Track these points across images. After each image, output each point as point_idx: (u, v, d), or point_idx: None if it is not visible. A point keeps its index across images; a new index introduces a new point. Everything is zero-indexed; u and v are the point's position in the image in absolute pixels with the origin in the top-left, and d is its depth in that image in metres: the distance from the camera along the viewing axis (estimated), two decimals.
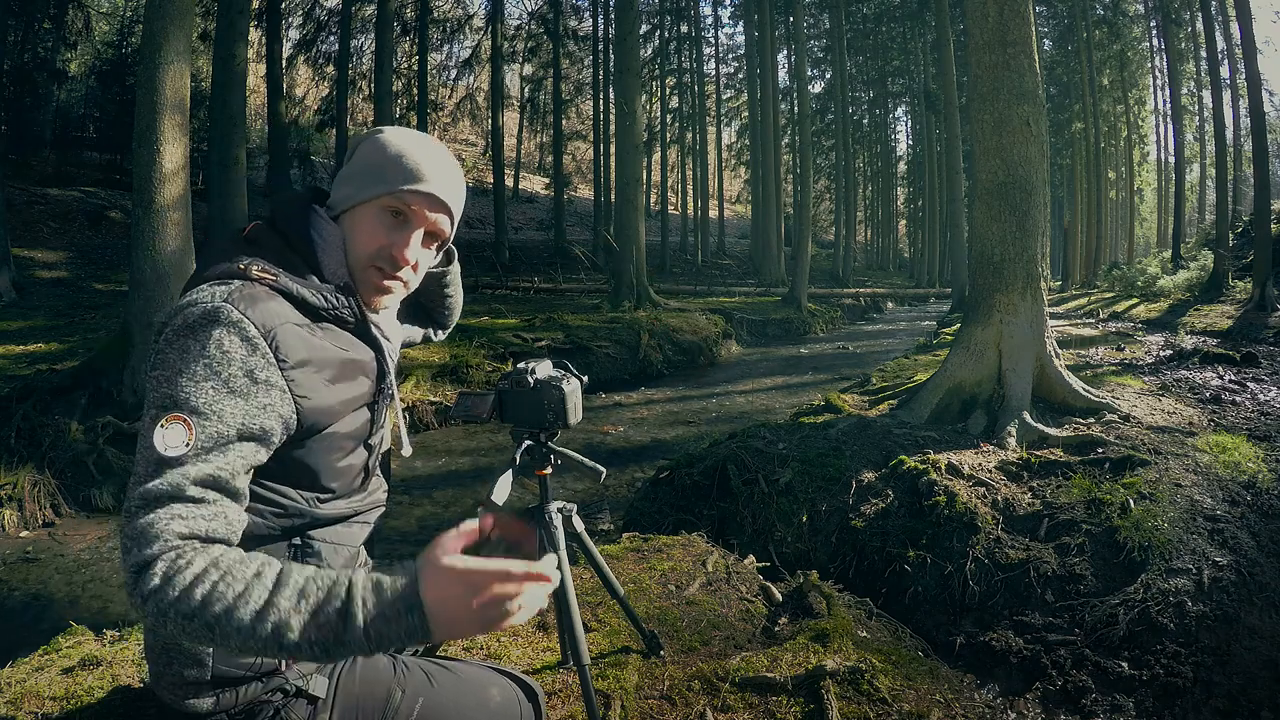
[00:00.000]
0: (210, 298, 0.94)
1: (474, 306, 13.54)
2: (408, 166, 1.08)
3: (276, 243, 1.05)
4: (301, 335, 0.98)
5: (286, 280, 1.00)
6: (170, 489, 0.85)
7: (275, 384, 0.94)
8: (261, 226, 1.08)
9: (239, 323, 0.92)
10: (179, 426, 0.87)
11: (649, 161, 29.63)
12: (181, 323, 0.92)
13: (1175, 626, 2.65)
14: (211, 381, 0.89)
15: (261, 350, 0.93)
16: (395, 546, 4.59)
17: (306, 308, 1.01)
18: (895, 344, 14.49)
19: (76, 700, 1.83)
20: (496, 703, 1.22)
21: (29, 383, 5.77)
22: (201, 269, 1.02)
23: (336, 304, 1.04)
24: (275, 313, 0.96)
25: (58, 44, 18.86)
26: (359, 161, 1.10)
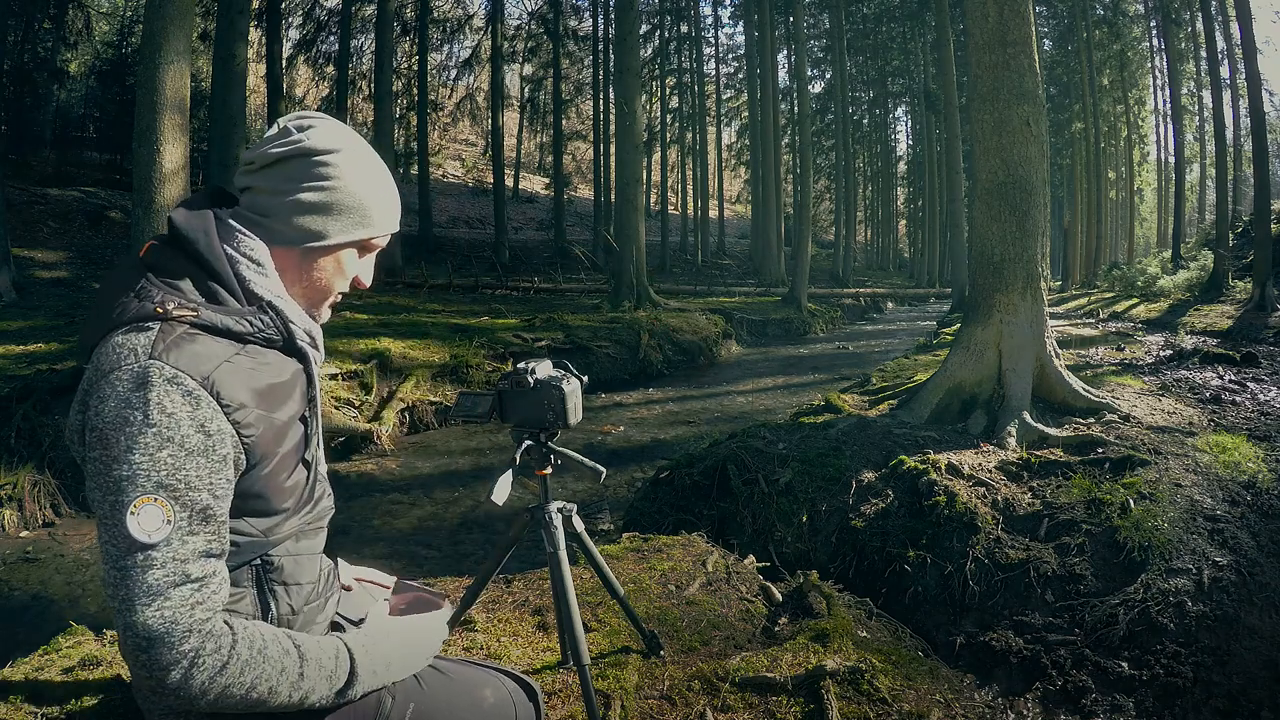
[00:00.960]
0: (132, 354, 0.87)
1: (474, 306, 13.55)
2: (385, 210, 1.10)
3: (183, 265, 0.97)
4: (236, 372, 0.93)
5: (207, 313, 0.93)
6: (173, 576, 0.84)
7: (226, 431, 0.90)
8: (161, 248, 0.98)
9: (174, 378, 0.86)
10: (152, 508, 0.84)
11: (649, 161, 29.64)
12: (111, 392, 0.85)
13: (1175, 626, 2.65)
14: (167, 450, 0.85)
15: (205, 401, 0.88)
16: (396, 546, 4.59)
17: (230, 335, 0.96)
18: (895, 344, 14.49)
19: (76, 700, 1.83)
20: (490, 703, 1.21)
21: (29, 383, 5.77)
22: (107, 308, 0.93)
23: (261, 325, 0.99)
24: (205, 355, 0.90)
25: (58, 44, 18.87)
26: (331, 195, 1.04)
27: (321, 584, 1.15)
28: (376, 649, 1.04)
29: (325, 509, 1.17)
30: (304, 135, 1.03)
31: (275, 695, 0.91)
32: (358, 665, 1.00)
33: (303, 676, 0.93)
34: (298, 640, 0.96)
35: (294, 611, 1.06)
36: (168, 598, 0.83)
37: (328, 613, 1.17)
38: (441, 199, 26.87)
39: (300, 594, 1.08)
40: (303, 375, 1.07)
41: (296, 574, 1.07)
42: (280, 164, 1.03)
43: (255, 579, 1.02)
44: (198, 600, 0.85)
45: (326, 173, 1.04)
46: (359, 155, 1.07)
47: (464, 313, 12.39)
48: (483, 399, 1.70)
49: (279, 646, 0.93)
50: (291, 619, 1.06)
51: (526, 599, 2.62)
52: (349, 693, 0.99)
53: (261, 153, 1.04)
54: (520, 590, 2.70)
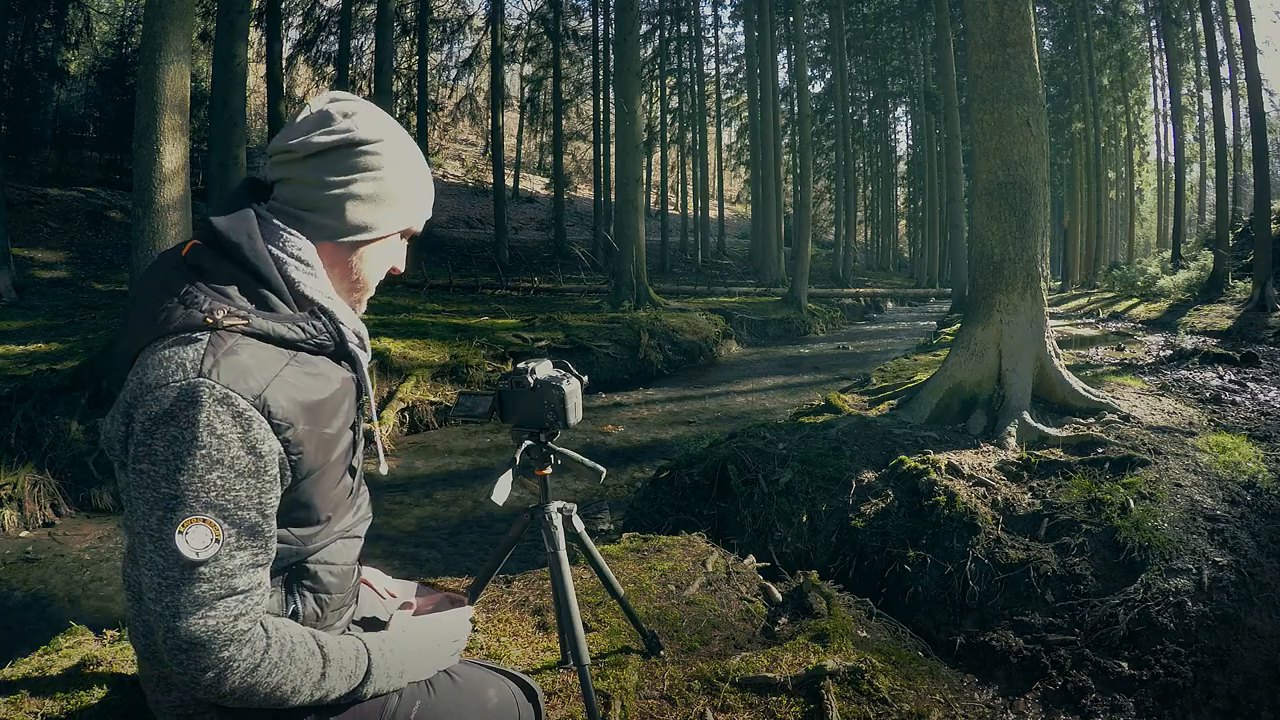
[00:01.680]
0: (180, 370, 0.84)
1: (474, 306, 13.55)
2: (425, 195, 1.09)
3: (229, 269, 0.93)
4: (287, 387, 0.91)
5: (258, 320, 0.90)
6: (221, 590, 0.86)
7: (275, 449, 0.89)
8: (204, 249, 0.94)
9: (225, 399, 0.84)
10: (201, 528, 0.84)
11: (649, 161, 29.64)
12: (158, 408, 0.83)
13: (1175, 626, 2.65)
14: (217, 472, 0.84)
15: (257, 422, 0.86)
16: (396, 546, 4.59)
17: (282, 342, 0.93)
18: (895, 344, 14.49)
19: (76, 700, 1.83)
20: (494, 704, 1.22)
21: (29, 383, 5.77)
22: (152, 312, 0.89)
23: (314, 332, 0.97)
24: (257, 369, 0.87)
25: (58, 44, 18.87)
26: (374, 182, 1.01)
27: (349, 592, 1.15)
28: (395, 652, 1.06)
29: (364, 518, 1.17)
30: (350, 123, 0.98)
31: (298, 694, 0.94)
32: (374, 666, 1.02)
33: (324, 677, 0.96)
34: (322, 641, 0.98)
35: (319, 617, 1.07)
36: (213, 609, 0.85)
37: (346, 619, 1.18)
38: (441, 199, 26.81)
39: (329, 602, 1.08)
40: (353, 383, 1.06)
41: (329, 583, 1.07)
42: (326, 154, 0.98)
43: (286, 583, 1.02)
44: (241, 611, 0.87)
45: (375, 163, 1.00)
46: (402, 143, 1.05)
47: (464, 313, 12.39)
48: (483, 399, 1.70)
49: (305, 648, 0.95)
50: (316, 622, 1.07)
51: (526, 599, 2.62)
52: (361, 691, 1.02)
53: (303, 141, 0.97)
54: (520, 590, 2.70)
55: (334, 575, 1.08)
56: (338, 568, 1.08)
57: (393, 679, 1.05)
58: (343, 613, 1.14)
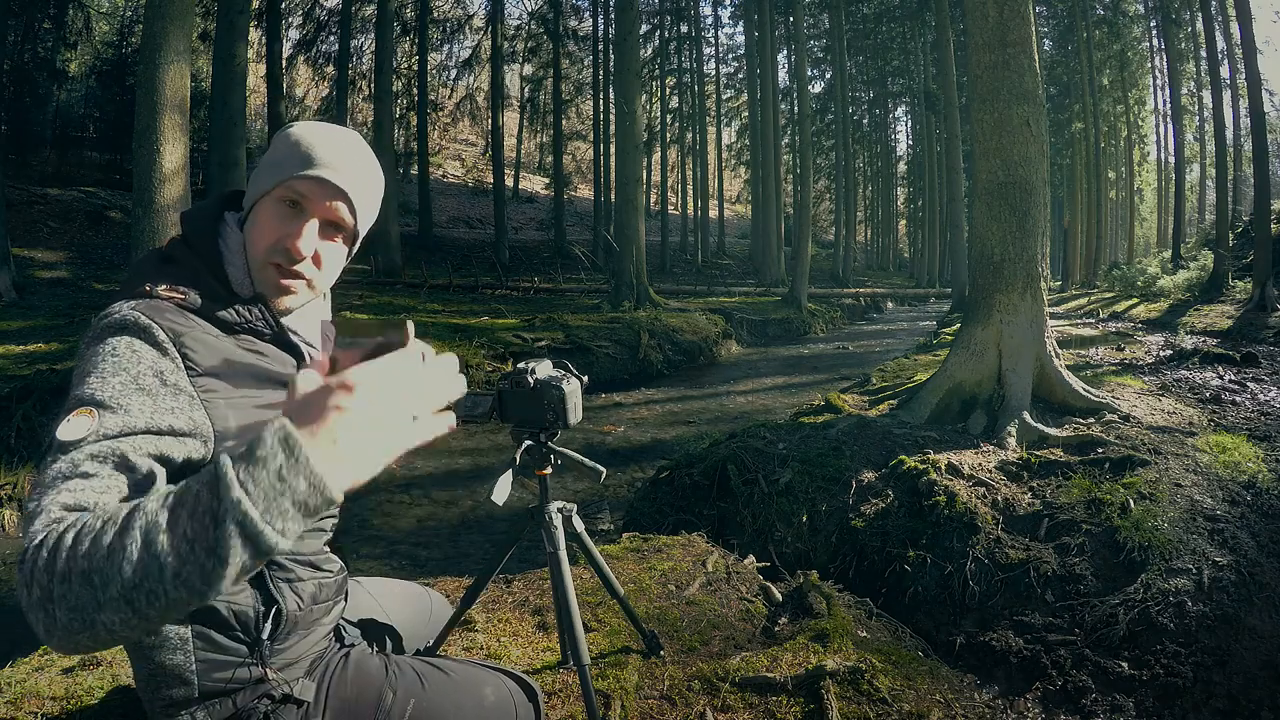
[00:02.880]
0: (117, 309, 0.93)
1: (474, 306, 13.54)
2: (301, 153, 1.03)
3: (190, 259, 1.03)
4: (212, 343, 0.97)
5: (195, 296, 0.98)
6: (65, 469, 0.77)
7: (184, 389, 0.91)
8: (178, 242, 1.06)
9: (147, 328, 0.91)
10: (83, 418, 0.82)
11: (649, 161, 29.64)
12: (92, 334, 0.91)
13: (1175, 626, 2.65)
14: (119, 377, 0.87)
15: (170, 354, 0.91)
16: (396, 546, 4.59)
17: (218, 322, 0.99)
18: (895, 344, 14.49)
19: (76, 700, 1.83)
20: (491, 702, 1.22)
21: (29, 383, 5.77)
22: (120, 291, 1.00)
23: (249, 316, 1.02)
24: (182, 322, 0.95)
25: (58, 44, 18.86)
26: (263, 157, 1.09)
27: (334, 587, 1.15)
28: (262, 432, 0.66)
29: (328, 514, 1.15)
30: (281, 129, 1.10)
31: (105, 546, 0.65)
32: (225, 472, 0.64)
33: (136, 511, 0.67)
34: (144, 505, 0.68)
35: (300, 609, 1.07)
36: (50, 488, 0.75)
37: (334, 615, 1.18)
38: (441, 199, 26.89)
39: (305, 591, 1.08)
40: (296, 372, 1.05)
41: (300, 571, 1.08)
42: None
43: (258, 577, 1.02)
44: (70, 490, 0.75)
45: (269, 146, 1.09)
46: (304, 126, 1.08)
47: (464, 313, 12.39)
48: (483, 399, 1.70)
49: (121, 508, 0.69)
50: (298, 615, 1.07)
51: (526, 599, 2.62)
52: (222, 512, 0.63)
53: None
54: (520, 590, 2.70)
55: (300, 564, 1.08)
56: (305, 557, 1.09)
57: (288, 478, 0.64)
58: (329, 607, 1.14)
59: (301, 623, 1.09)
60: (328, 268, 1.09)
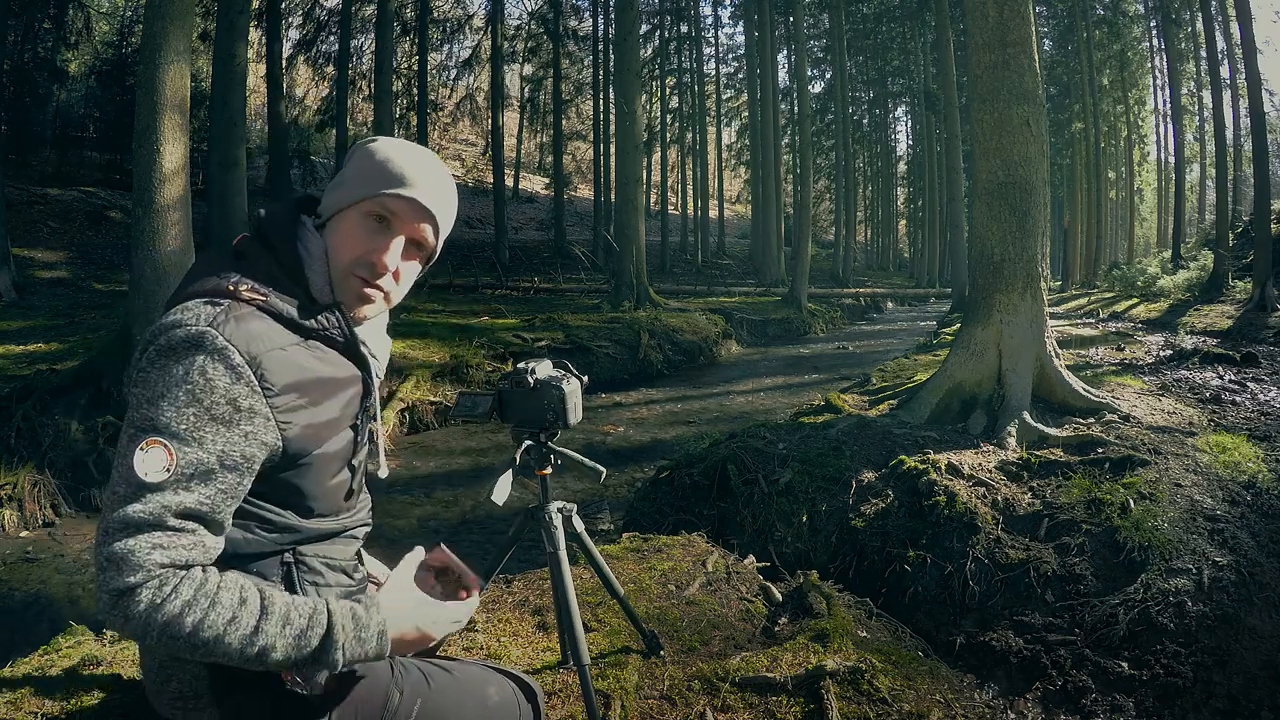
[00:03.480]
0: (195, 319, 0.92)
1: (474, 306, 13.54)
2: (392, 171, 1.06)
3: (265, 258, 1.03)
4: (287, 359, 0.97)
5: (275, 300, 0.99)
6: (151, 517, 0.85)
7: (259, 411, 0.93)
8: (250, 240, 1.06)
9: (223, 350, 0.90)
10: (159, 451, 0.86)
11: (649, 161, 29.62)
12: (165, 343, 0.90)
13: (1175, 626, 2.65)
14: (193, 408, 0.88)
15: (245, 378, 0.91)
16: (396, 546, 4.59)
17: (295, 327, 1.00)
18: (895, 344, 14.49)
19: (76, 700, 1.83)
20: (494, 702, 1.22)
21: (29, 383, 5.77)
22: (189, 282, 1.00)
23: (325, 324, 1.03)
24: (261, 336, 0.95)
25: (58, 44, 18.85)
26: (348, 168, 1.09)
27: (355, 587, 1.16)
28: (367, 617, 0.97)
29: (363, 519, 1.18)
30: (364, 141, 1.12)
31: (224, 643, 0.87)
32: (336, 627, 0.93)
33: (258, 630, 0.88)
34: (268, 594, 0.92)
35: None
36: (138, 531, 0.85)
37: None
38: None
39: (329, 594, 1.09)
40: (360, 383, 1.09)
41: (329, 575, 1.09)
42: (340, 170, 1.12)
43: (287, 574, 1.03)
44: (161, 544, 0.86)
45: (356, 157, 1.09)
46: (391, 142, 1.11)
47: (464, 312, 12.39)
48: (483, 399, 1.70)
49: (235, 595, 0.89)
50: None
51: (526, 599, 2.62)
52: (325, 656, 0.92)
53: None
54: (520, 590, 2.70)
55: (333, 570, 1.10)
56: (336, 562, 1.11)
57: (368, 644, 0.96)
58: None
59: None
60: (404, 284, 1.12)
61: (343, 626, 0.94)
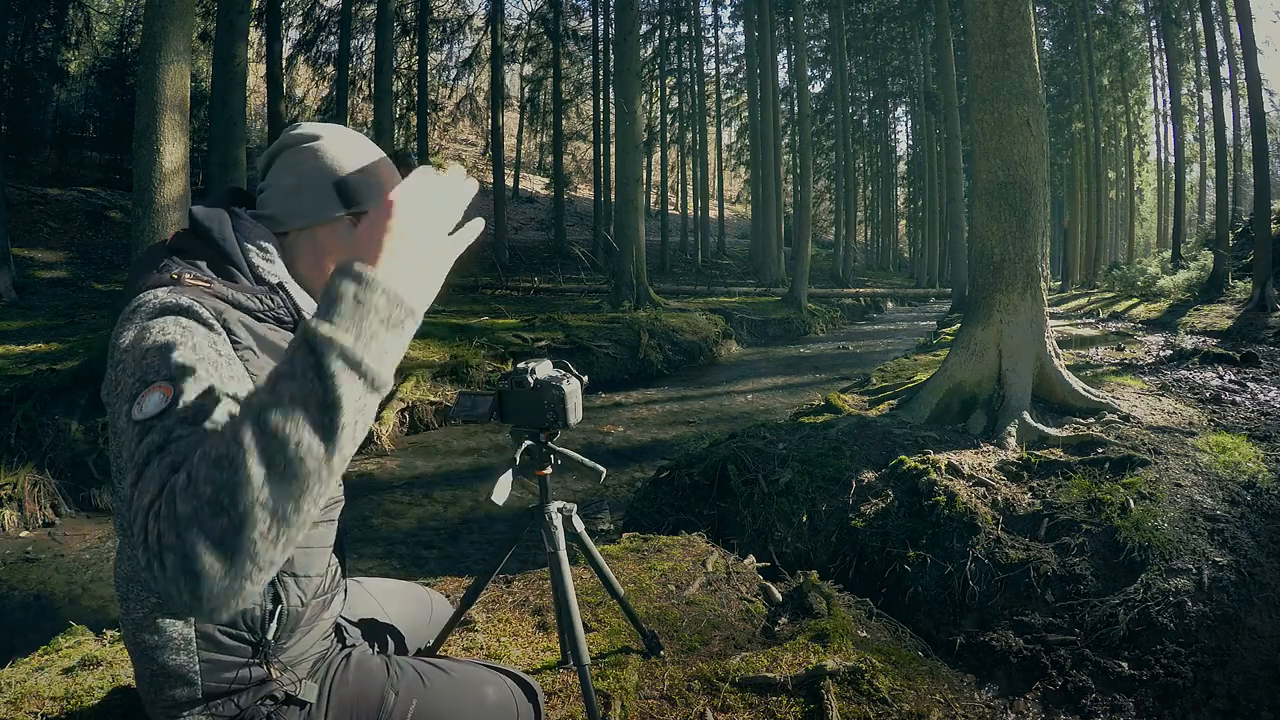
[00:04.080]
0: (154, 297, 0.92)
1: (474, 306, 13.54)
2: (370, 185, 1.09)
3: (203, 250, 1.04)
4: (246, 323, 0.98)
5: (219, 286, 0.99)
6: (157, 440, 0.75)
7: (236, 359, 0.92)
8: (185, 234, 1.07)
9: (190, 307, 0.91)
10: (155, 394, 0.80)
11: (649, 161, 29.62)
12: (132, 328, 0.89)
13: (1175, 626, 2.65)
14: (178, 351, 0.86)
15: (218, 330, 0.92)
16: (396, 546, 4.59)
17: (242, 309, 1.00)
18: (895, 344, 14.49)
19: (76, 700, 1.83)
20: (492, 701, 1.22)
21: (29, 383, 5.77)
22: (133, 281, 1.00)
23: (272, 304, 1.04)
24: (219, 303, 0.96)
25: (58, 44, 18.85)
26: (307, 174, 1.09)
27: (329, 579, 1.15)
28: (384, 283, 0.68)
29: (334, 501, 1.17)
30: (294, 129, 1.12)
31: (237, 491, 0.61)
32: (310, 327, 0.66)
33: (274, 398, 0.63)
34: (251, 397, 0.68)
35: (303, 604, 1.07)
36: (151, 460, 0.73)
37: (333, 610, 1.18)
38: None
39: (309, 586, 1.09)
40: None
41: (306, 566, 1.08)
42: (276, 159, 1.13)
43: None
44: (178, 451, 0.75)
45: (304, 156, 1.10)
46: (342, 138, 1.12)
47: (464, 313, 12.39)
48: (483, 399, 1.70)
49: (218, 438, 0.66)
50: (300, 610, 1.07)
51: (526, 599, 2.62)
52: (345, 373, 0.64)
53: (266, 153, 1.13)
54: (520, 590, 2.70)
55: (311, 558, 1.09)
56: (315, 551, 1.10)
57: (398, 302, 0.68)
58: (326, 601, 1.15)
59: (304, 619, 1.09)
60: None
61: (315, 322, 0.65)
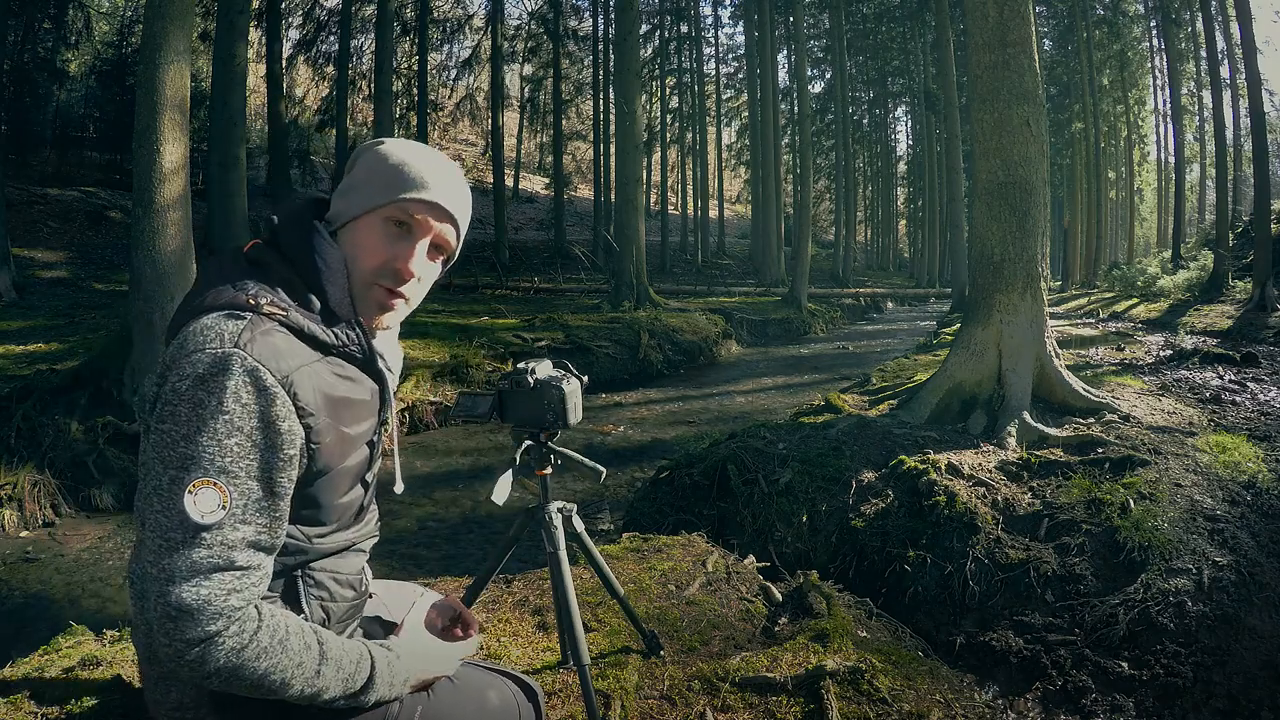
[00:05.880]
0: (218, 340, 0.88)
1: (474, 306, 13.55)
2: (411, 175, 1.03)
3: (281, 268, 1.00)
4: (315, 377, 0.95)
5: (297, 315, 0.95)
6: (219, 560, 0.85)
7: (296, 432, 0.91)
8: (264, 247, 1.02)
9: (254, 370, 0.87)
10: (210, 491, 0.85)
11: (649, 161, 29.61)
12: (191, 371, 0.87)
13: (1175, 626, 2.65)
14: (235, 438, 0.86)
15: (280, 399, 0.89)
16: (396, 546, 4.59)
17: (315, 343, 0.97)
18: (895, 344, 14.49)
19: (76, 700, 1.83)
20: (494, 705, 1.22)
21: (29, 383, 5.77)
22: (203, 289, 0.96)
23: (346, 340, 1.00)
24: (287, 353, 0.92)
25: (58, 44, 18.85)
26: (359, 173, 1.06)
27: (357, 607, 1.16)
28: (399, 664, 1.04)
29: (370, 534, 1.17)
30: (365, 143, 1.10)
31: (288, 687, 0.91)
32: (377, 675, 1.00)
33: (319, 674, 0.93)
34: (323, 638, 0.96)
35: (326, 623, 1.07)
36: (208, 578, 0.84)
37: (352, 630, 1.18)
38: None
39: (334, 611, 1.09)
40: (377, 399, 1.08)
41: (336, 590, 1.08)
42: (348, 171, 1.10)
43: (292, 588, 1.02)
44: (235, 588, 0.86)
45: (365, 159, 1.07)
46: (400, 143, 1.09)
47: (464, 312, 12.39)
48: (483, 399, 1.70)
49: (300, 640, 0.92)
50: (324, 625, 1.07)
51: (526, 599, 2.62)
52: (363, 698, 1.00)
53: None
54: (520, 590, 2.70)
55: (341, 585, 1.09)
56: (344, 577, 1.10)
57: (395, 689, 1.04)
58: (348, 624, 1.14)
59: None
60: (425, 288, 1.11)
61: (381, 673, 1.01)
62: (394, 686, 1.03)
